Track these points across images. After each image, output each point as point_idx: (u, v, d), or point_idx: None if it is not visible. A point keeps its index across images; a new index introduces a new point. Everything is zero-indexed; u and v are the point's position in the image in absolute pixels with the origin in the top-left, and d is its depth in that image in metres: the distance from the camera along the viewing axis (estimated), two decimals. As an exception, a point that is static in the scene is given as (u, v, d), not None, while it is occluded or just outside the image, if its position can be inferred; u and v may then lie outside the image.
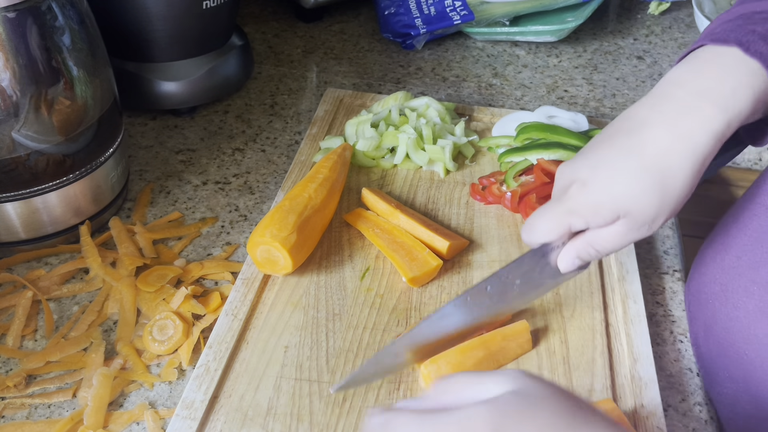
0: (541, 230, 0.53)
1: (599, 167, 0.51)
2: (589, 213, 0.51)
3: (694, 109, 0.49)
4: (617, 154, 0.51)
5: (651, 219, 0.51)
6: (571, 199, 0.52)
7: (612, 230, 0.52)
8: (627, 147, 0.50)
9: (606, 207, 0.51)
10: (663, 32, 1.10)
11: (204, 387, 0.55)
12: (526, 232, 0.55)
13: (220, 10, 0.81)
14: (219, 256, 0.69)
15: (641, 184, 0.50)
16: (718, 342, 0.58)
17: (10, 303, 0.63)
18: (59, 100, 0.61)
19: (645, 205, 0.50)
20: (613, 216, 0.51)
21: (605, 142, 0.52)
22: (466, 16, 0.99)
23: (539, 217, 0.54)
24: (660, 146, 0.49)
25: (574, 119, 0.81)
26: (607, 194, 0.50)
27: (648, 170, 0.49)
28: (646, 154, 0.50)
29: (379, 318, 0.61)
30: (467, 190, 0.75)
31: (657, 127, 0.50)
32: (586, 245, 0.53)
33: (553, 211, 0.53)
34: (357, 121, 0.79)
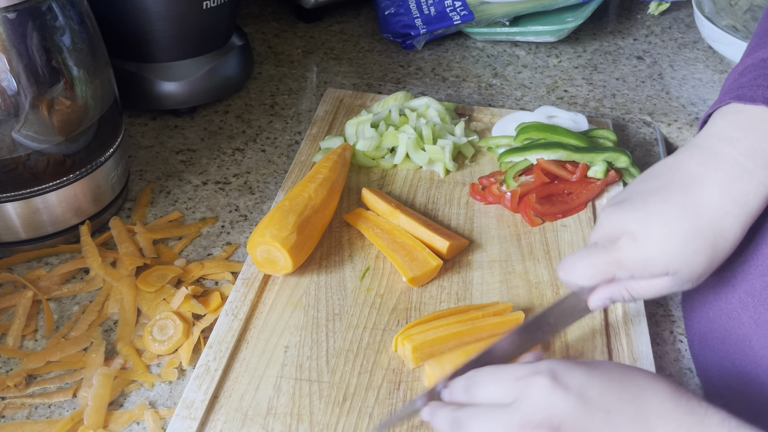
0: (584, 274, 0.53)
1: (651, 222, 0.51)
2: (638, 268, 0.51)
3: (749, 173, 0.50)
4: (671, 211, 0.50)
5: (697, 277, 0.51)
6: (621, 251, 0.51)
7: (655, 282, 0.52)
8: (681, 205, 0.50)
9: (657, 265, 0.51)
10: (663, 32, 1.10)
11: (204, 387, 0.55)
12: (566, 272, 0.54)
13: (221, 10, 0.81)
14: (219, 256, 0.69)
15: (695, 244, 0.50)
16: (714, 352, 0.58)
17: (11, 303, 0.63)
18: (59, 100, 0.61)
19: (695, 265, 0.50)
20: (663, 273, 0.51)
21: (658, 194, 0.52)
22: (466, 16, 0.99)
23: (581, 260, 0.53)
24: (716, 210, 0.50)
25: (573, 119, 0.81)
26: (659, 252, 0.50)
27: (702, 233, 0.50)
28: (702, 216, 0.50)
29: (379, 318, 0.61)
30: (467, 190, 0.75)
31: (712, 188, 0.50)
32: (623, 290, 0.53)
33: (600, 259, 0.52)
34: (357, 121, 0.79)
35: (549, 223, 0.71)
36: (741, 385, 0.55)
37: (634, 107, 0.93)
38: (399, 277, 0.65)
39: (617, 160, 0.74)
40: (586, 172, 0.73)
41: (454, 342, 0.58)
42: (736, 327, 0.56)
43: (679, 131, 0.90)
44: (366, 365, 0.58)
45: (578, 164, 0.73)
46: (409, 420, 0.53)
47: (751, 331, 0.54)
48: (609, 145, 0.77)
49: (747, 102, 0.51)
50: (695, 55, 1.04)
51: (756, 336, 0.54)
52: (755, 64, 0.54)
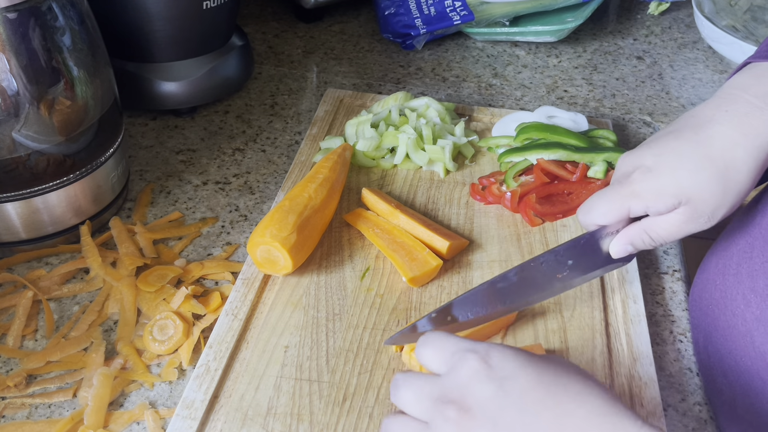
0: (599, 212, 0.54)
1: (665, 154, 0.53)
2: (651, 197, 0.53)
3: (759, 109, 0.51)
4: (684, 144, 0.52)
5: (711, 210, 0.52)
6: (634, 183, 0.53)
7: (671, 218, 0.53)
8: (694, 139, 0.52)
9: (669, 192, 0.52)
10: (663, 32, 1.10)
11: (204, 387, 0.55)
12: (584, 212, 0.56)
13: (221, 10, 0.81)
14: (219, 256, 0.69)
15: (706, 173, 0.51)
16: (717, 349, 0.58)
17: (11, 303, 0.63)
18: (60, 100, 0.61)
19: (708, 194, 0.52)
20: (675, 202, 0.52)
21: (671, 134, 0.54)
22: (466, 16, 0.99)
23: (598, 199, 0.55)
24: (727, 141, 0.51)
25: (573, 119, 0.81)
26: (671, 179, 0.52)
27: (714, 161, 0.51)
28: (713, 146, 0.51)
29: (379, 318, 0.61)
30: (467, 190, 0.75)
31: (724, 124, 0.52)
32: (642, 232, 0.55)
33: (614, 194, 0.54)
34: (357, 122, 0.79)
35: (549, 223, 0.71)
36: (742, 382, 0.56)
37: (634, 107, 0.93)
38: (399, 277, 0.65)
39: (617, 160, 0.74)
40: (586, 172, 0.73)
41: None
42: (739, 324, 0.56)
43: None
44: (366, 365, 0.58)
45: (578, 164, 0.73)
46: None
47: (753, 328, 0.54)
48: (609, 145, 0.77)
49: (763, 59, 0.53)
50: (695, 55, 1.04)
51: (758, 333, 0.54)
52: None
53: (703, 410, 0.58)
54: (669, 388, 0.59)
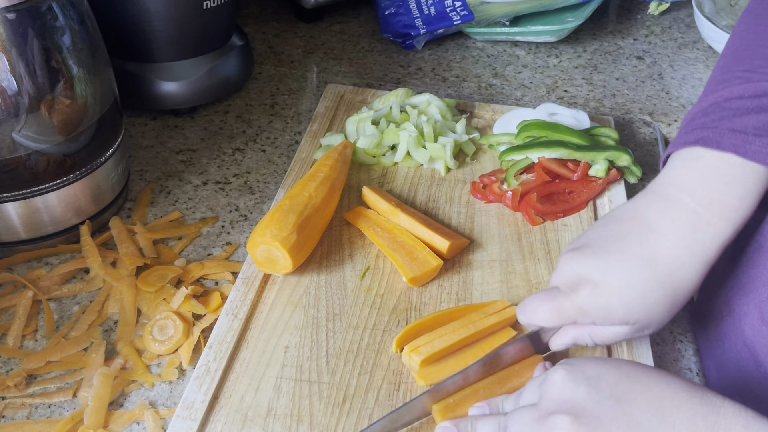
0: (544, 317, 0.54)
1: (611, 272, 0.52)
2: (599, 317, 0.52)
3: (706, 224, 0.51)
4: (630, 261, 0.52)
5: (656, 325, 0.53)
6: (582, 299, 0.52)
7: (617, 329, 0.53)
8: (640, 255, 0.52)
9: (617, 314, 0.52)
10: (663, 32, 1.10)
11: (204, 387, 0.55)
12: (524, 314, 0.55)
13: (221, 10, 0.81)
14: (219, 255, 0.69)
15: (654, 296, 0.51)
16: (733, 382, 0.58)
17: (11, 303, 0.63)
18: (59, 100, 0.61)
19: (655, 315, 0.52)
20: (623, 322, 0.52)
21: (615, 242, 0.53)
22: (466, 16, 0.99)
23: (542, 303, 0.54)
24: (674, 260, 0.51)
25: (575, 117, 0.80)
26: (620, 302, 0.51)
27: (661, 283, 0.51)
28: (660, 266, 0.51)
29: (379, 318, 0.61)
30: (468, 188, 0.75)
31: (670, 238, 0.51)
32: (585, 335, 0.55)
33: (561, 305, 0.53)
34: (358, 119, 0.79)
35: (550, 222, 0.71)
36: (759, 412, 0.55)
37: (634, 107, 0.93)
38: (399, 277, 0.65)
39: (619, 158, 0.74)
40: (588, 171, 0.73)
41: (457, 346, 0.58)
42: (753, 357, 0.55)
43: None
44: (366, 366, 0.58)
45: (579, 163, 0.73)
46: None
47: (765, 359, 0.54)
48: (611, 144, 0.76)
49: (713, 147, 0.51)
50: (695, 55, 1.04)
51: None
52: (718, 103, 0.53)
53: (705, 410, 0.58)
54: (670, 388, 0.59)
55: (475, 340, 0.59)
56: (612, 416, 0.42)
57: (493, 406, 0.52)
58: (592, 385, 0.44)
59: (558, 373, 0.45)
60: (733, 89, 0.53)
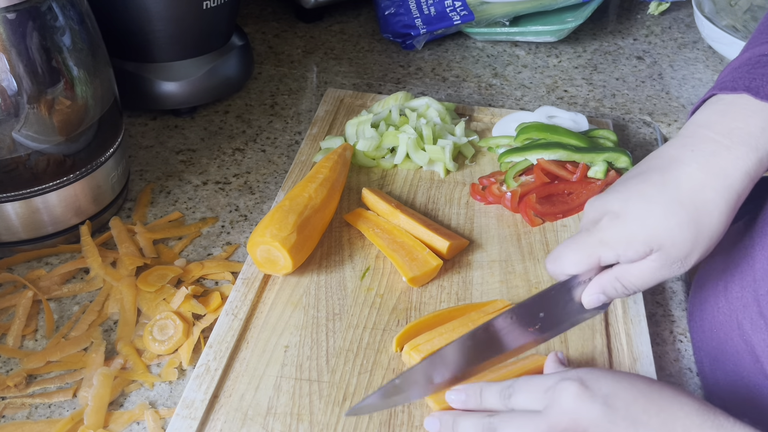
0: (569, 261, 0.52)
1: (632, 200, 0.51)
2: (622, 245, 0.50)
3: (725, 148, 0.49)
4: (651, 188, 0.50)
5: (684, 255, 0.50)
6: (603, 230, 0.51)
7: (643, 266, 0.51)
8: (661, 182, 0.50)
9: (639, 239, 0.50)
10: (663, 32, 1.10)
11: (204, 387, 0.55)
12: (552, 262, 0.53)
13: (221, 10, 0.81)
14: (219, 256, 0.69)
15: (676, 217, 0.49)
16: (726, 375, 0.57)
17: (11, 303, 0.63)
18: (59, 100, 0.61)
19: (679, 239, 0.49)
20: (646, 249, 0.50)
21: (637, 177, 0.52)
22: (466, 16, 0.99)
23: (567, 247, 0.53)
24: (695, 182, 0.49)
25: (574, 119, 0.81)
26: (641, 226, 0.50)
27: (683, 204, 0.49)
28: (681, 189, 0.50)
29: (379, 318, 0.61)
30: (467, 190, 0.75)
31: (690, 164, 0.50)
32: (614, 280, 0.52)
33: (583, 242, 0.52)
34: (357, 121, 0.79)
35: (549, 223, 0.71)
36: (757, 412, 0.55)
37: (634, 107, 0.93)
38: (399, 277, 0.65)
39: (617, 160, 0.74)
40: (587, 173, 0.73)
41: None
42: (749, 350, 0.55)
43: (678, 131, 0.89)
44: (366, 365, 0.58)
45: (578, 164, 0.73)
46: None
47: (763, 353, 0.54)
48: (609, 146, 0.77)
49: (727, 91, 0.51)
50: (695, 55, 1.04)
51: None
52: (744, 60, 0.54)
53: (703, 410, 0.58)
54: (669, 388, 0.59)
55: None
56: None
57: (471, 393, 0.50)
58: (608, 404, 0.43)
59: (572, 387, 0.45)
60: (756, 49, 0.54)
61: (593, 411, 0.43)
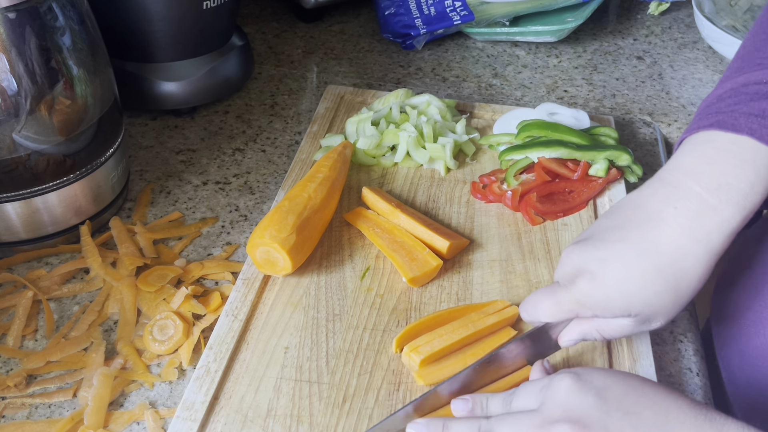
0: (545, 313, 0.53)
1: (610, 262, 0.50)
2: (599, 308, 0.51)
3: (712, 210, 0.48)
4: (630, 250, 0.49)
5: (663, 317, 0.51)
6: (580, 291, 0.51)
7: (622, 323, 0.52)
8: (640, 244, 0.49)
9: (616, 305, 0.50)
10: (663, 32, 1.10)
11: (204, 388, 0.55)
12: (527, 311, 0.54)
13: (221, 10, 0.81)
14: (219, 256, 0.69)
15: (655, 287, 0.49)
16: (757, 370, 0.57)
17: (11, 303, 0.63)
18: (59, 100, 0.61)
19: (657, 307, 0.50)
20: (624, 314, 0.51)
21: (615, 232, 0.51)
22: (466, 16, 0.99)
23: (544, 299, 0.53)
24: (676, 249, 0.48)
25: (575, 116, 0.80)
26: (618, 293, 0.50)
27: (663, 273, 0.49)
28: (661, 255, 0.49)
29: (379, 318, 0.61)
30: (468, 188, 0.75)
31: (672, 226, 0.48)
32: (593, 330, 0.53)
33: (560, 298, 0.52)
34: (357, 119, 0.79)
35: (550, 221, 0.71)
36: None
37: (634, 107, 0.93)
38: (399, 277, 0.65)
39: (619, 158, 0.74)
40: (588, 171, 0.73)
41: (457, 346, 0.58)
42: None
43: (679, 131, 0.89)
44: (366, 366, 0.58)
45: (579, 162, 0.73)
46: None
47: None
48: (611, 143, 0.76)
49: (728, 130, 0.49)
50: (695, 55, 1.04)
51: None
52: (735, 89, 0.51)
53: (704, 410, 0.58)
54: (670, 388, 0.59)
55: (475, 340, 0.59)
56: (619, 428, 0.42)
57: (477, 401, 0.51)
58: (601, 396, 0.44)
59: (565, 381, 0.45)
60: (751, 75, 0.51)
61: (586, 401, 0.44)
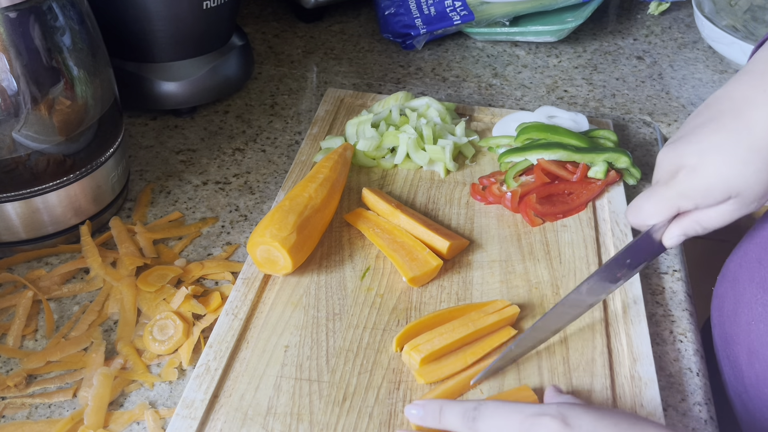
0: (649, 212, 0.55)
1: (708, 152, 0.52)
2: (700, 196, 0.53)
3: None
4: (726, 138, 0.52)
5: (761, 196, 0.52)
6: (681, 183, 0.53)
7: (721, 209, 0.53)
8: (735, 129, 0.51)
9: (718, 190, 0.52)
10: (663, 32, 1.10)
11: (204, 386, 0.55)
12: (633, 214, 0.56)
13: (221, 10, 0.81)
14: (219, 256, 0.69)
15: (753, 165, 0.51)
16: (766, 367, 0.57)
17: (11, 303, 0.63)
18: (60, 100, 0.61)
19: (756, 184, 0.51)
20: (725, 197, 0.52)
21: (710, 124, 0.53)
22: (466, 16, 0.99)
23: (647, 200, 0.55)
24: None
25: (574, 119, 0.81)
26: (719, 178, 0.52)
27: (759, 151, 0.51)
28: (756, 135, 0.51)
29: (379, 318, 0.61)
30: (467, 190, 0.75)
31: (763, 107, 0.51)
32: (693, 223, 0.55)
33: (662, 195, 0.54)
34: (357, 121, 0.79)
35: (549, 223, 0.71)
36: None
37: (634, 107, 0.93)
38: (399, 277, 0.65)
39: (618, 160, 0.74)
40: (587, 173, 0.73)
41: (457, 345, 0.58)
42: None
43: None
44: (366, 365, 0.58)
45: (579, 164, 0.73)
46: None
47: None
48: (609, 146, 0.77)
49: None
50: (695, 55, 1.04)
51: None
52: None
53: (703, 410, 0.58)
54: (669, 388, 0.59)
55: (475, 339, 0.59)
56: None
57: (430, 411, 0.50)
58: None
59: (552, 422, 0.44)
60: None
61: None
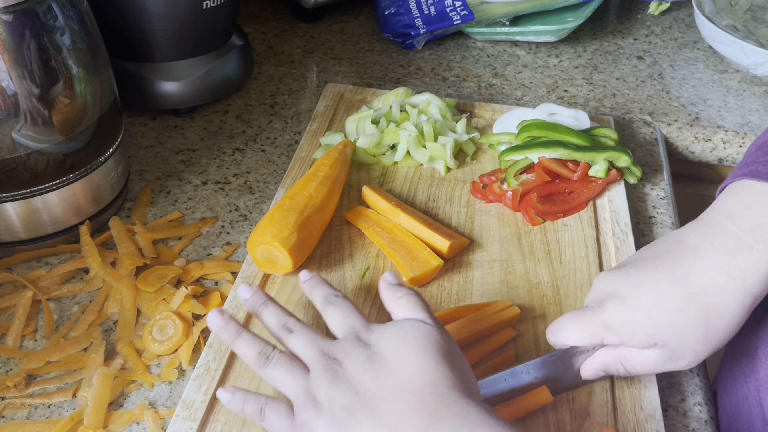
0: (570, 335, 0.52)
1: (641, 287, 0.50)
2: (625, 332, 0.50)
3: (747, 248, 0.48)
4: (663, 278, 0.49)
5: (691, 354, 0.49)
6: (608, 312, 0.50)
7: (648, 355, 0.51)
8: (674, 273, 0.49)
9: (644, 331, 0.49)
10: (663, 32, 1.10)
11: (204, 387, 0.55)
12: (553, 332, 0.53)
13: (221, 10, 0.81)
14: (219, 255, 0.69)
15: (684, 316, 0.48)
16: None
17: (10, 303, 0.63)
18: (59, 99, 0.61)
19: (686, 339, 0.49)
20: (651, 341, 0.49)
21: (650, 261, 0.51)
22: (466, 16, 0.99)
23: (570, 321, 0.52)
24: (709, 282, 0.48)
25: (575, 116, 0.80)
26: (647, 317, 0.49)
27: (694, 304, 0.48)
28: (694, 286, 0.48)
29: (379, 317, 0.61)
30: (468, 188, 0.75)
31: (708, 260, 0.49)
32: (617, 360, 0.52)
33: (588, 320, 0.51)
34: (357, 118, 0.79)
35: (550, 222, 0.71)
36: None
37: (634, 107, 0.93)
38: (399, 277, 0.65)
39: (618, 159, 0.74)
40: (588, 171, 0.73)
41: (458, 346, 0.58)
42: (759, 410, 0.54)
43: (679, 131, 0.90)
44: (366, 365, 0.57)
45: (579, 163, 0.73)
46: None
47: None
48: (610, 144, 0.76)
49: (758, 178, 0.50)
50: (695, 55, 1.04)
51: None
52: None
53: (704, 410, 0.58)
54: (669, 388, 0.59)
55: (475, 340, 0.59)
56: None
57: None
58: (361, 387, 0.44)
59: (361, 355, 0.46)
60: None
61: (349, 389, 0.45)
